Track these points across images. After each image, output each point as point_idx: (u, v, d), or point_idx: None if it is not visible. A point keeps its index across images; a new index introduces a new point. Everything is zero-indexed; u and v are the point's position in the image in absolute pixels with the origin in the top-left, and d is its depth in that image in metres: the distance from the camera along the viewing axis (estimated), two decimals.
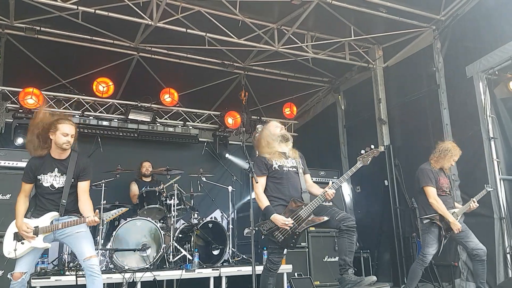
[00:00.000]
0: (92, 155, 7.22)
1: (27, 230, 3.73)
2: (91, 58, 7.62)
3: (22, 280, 3.74)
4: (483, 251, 4.90)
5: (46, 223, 3.82)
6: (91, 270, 3.74)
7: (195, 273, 5.60)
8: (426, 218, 5.10)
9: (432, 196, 5.07)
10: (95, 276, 3.74)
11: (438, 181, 5.16)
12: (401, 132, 7.73)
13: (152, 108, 8.22)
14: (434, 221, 5.04)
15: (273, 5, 6.88)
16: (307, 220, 4.01)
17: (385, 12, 6.79)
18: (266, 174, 4.16)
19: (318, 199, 4.05)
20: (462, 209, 5.15)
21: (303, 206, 4.04)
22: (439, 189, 5.14)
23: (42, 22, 6.80)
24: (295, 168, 4.25)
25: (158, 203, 6.46)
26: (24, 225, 3.75)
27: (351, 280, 3.91)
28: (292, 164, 4.25)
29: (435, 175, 5.16)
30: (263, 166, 4.16)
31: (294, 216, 4.01)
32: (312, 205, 4.04)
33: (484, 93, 6.26)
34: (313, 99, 10.01)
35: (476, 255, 4.92)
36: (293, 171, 4.23)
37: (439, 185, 5.15)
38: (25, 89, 7.16)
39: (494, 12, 6.16)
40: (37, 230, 3.77)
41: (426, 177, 5.15)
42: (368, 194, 8.26)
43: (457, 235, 5.01)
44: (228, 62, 8.32)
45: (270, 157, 4.18)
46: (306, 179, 4.33)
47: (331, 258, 6.81)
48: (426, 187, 5.13)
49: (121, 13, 6.33)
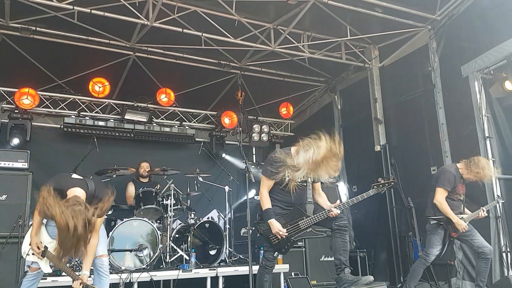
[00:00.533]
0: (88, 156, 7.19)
1: (36, 250, 3.67)
2: (87, 58, 7.60)
3: (37, 273, 3.81)
4: (489, 249, 4.95)
5: (52, 250, 3.67)
6: (101, 268, 3.76)
7: (192, 273, 5.60)
8: (434, 219, 5.10)
9: (438, 198, 5.04)
10: (103, 276, 3.76)
11: (456, 187, 5.11)
12: (397, 132, 7.76)
13: (148, 108, 8.20)
14: (442, 223, 5.04)
15: (269, 5, 6.88)
16: (305, 232, 4.01)
17: (381, 12, 6.81)
18: (274, 179, 4.00)
19: (322, 215, 3.98)
20: (470, 215, 5.13)
21: (304, 218, 4.01)
22: (454, 193, 5.10)
23: (37, 22, 6.77)
24: (304, 183, 4.05)
25: (154, 204, 6.45)
26: (35, 242, 3.67)
27: (348, 280, 3.92)
28: (302, 178, 4.00)
29: (455, 182, 5.09)
30: (275, 170, 3.93)
31: (293, 224, 4.01)
32: (313, 219, 3.99)
33: (480, 93, 6.29)
34: (310, 99, 10.03)
35: (481, 253, 4.95)
36: (302, 185, 4.05)
37: (456, 191, 5.12)
38: (20, 89, 7.14)
39: (489, 11, 6.19)
40: (45, 252, 3.66)
41: (446, 180, 5.07)
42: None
43: (463, 234, 5.02)
44: (224, 62, 8.32)
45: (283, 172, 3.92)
46: (316, 187, 4.18)
47: (327, 258, 6.82)
48: (439, 188, 5.08)
49: (117, 13, 6.32)
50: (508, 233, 5.90)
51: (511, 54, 5.83)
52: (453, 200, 5.11)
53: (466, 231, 5.01)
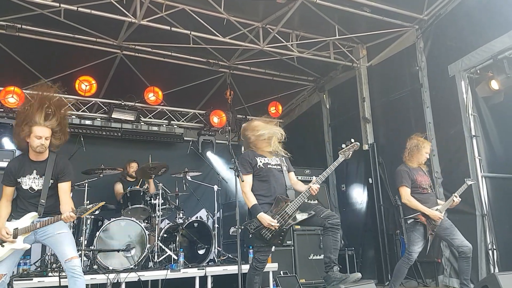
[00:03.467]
0: (74, 155, 7.12)
1: (6, 235, 3.70)
2: (73, 56, 7.50)
3: (1, 282, 3.72)
4: (468, 248, 4.93)
5: (26, 223, 3.80)
6: (73, 271, 3.71)
7: (180, 273, 5.57)
8: (410, 218, 5.12)
9: (404, 196, 5.10)
10: (77, 278, 3.71)
11: (416, 180, 5.15)
12: (385, 131, 7.81)
13: (136, 107, 8.14)
14: (418, 220, 5.07)
15: (258, 4, 6.87)
16: (293, 216, 4.03)
17: (369, 12, 6.84)
18: (252, 172, 4.18)
19: (303, 194, 4.08)
20: (445, 205, 5.15)
21: (288, 203, 4.06)
22: (418, 187, 5.14)
23: (23, 20, 6.66)
24: (279, 166, 4.28)
25: (142, 203, 6.41)
26: (3, 229, 3.71)
27: (336, 277, 3.94)
28: (276, 162, 4.28)
29: (411, 175, 5.15)
30: (248, 164, 4.19)
31: (281, 213, 4.03)
32: (297, 201, 4.06)
33: (466, 92, 6.35)
34: (298, 98, 10.04)
35: (462, 252, 4.94)
36: (277, 169, 4.26)
37: (418, 184, 5.14)
38: (6, 88, 7.05)
39: (476, 11, 6.24)
40: (17, 232, 3.75)
41: (400, 178, 5.16)
42: (352, 192, 8.33)
43: (443, 232, 5.04)
44: (213, 60, 8.28)
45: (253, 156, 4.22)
46: (291, 177, 4.36)
47: (316, 256, 6.85)
48: (400, 187, 5.16)
49: (104, 10, 6.25)
50: (494, 231, 5.95)
51: (497, 53, 5.88)
52: (421, 193, 5.12)
53: (446, 229, 5.02)
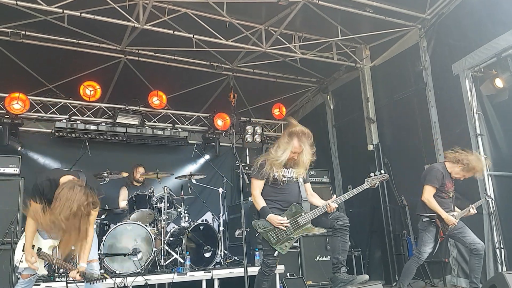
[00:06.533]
0: (80, 160, 7.15)
1: (31, 260, 3.62)
2: (77, 61, 7.54)
3: (29, 280, 3.78)
4: (481, 245, 4.97)
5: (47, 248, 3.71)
6: None
7: (187, 276, 5.57)
8: (426, 217, 5.10)
9: (427, 195, 5.06)
10: None
11: (445, 184, 5.11)
12: (389, 131, 7.78)
13: (140, 111, 8.17)
14: (434, 221, 5.05)
15: (260, 6, 6.88)
16: (304, 228, 4.00)
17: (372, 12, 6.83)
18: (264, 180, 4.12)
19: (319, 209, 4.03)
20: (460, 213, 5.16)
21: (302, 213, 4.03)
22: (443, 191, 5.11)
23: (27, 27, 6.71)
24: (295, 178, 4.20)
25: (148, 207, 6.41)
26: (30, 254, 3.63)
27: (343, 279, 3.93)
28: (291, 174, 4.19)
29: (444, 179, 5.10)
30: (261, 170, 4.11)
31: (292, 221, 4.01)
32: (311, 214, 4.03)
33: (471, 91, 6.33)
34: (302, 100, 10.04)
35: (474, 249, 4.97)
36: (293, 180, 4.19)
37: (445, 189, 5.12)
38: (11, 94, 7.11)
39: (478, 9, 6.22)
40: (39, 254, 3.64)
41: (434, 178, 5.09)
42: (358, 193, 8.29)
43: (455, 232, 5.05)
44: (216, 63, 8.29)
45: (269, 167, 4.10)
46: (306, 188, 4.31)
47: (323, 258, 6.82)
48: (427, 185, 5.10)
49: (107, 16, 6.28)
50: (501, 230, 5.92)
51: (501, 51, 5.86)
52: (442, 198, 5.12)
53: (458, 229, 5.04)
